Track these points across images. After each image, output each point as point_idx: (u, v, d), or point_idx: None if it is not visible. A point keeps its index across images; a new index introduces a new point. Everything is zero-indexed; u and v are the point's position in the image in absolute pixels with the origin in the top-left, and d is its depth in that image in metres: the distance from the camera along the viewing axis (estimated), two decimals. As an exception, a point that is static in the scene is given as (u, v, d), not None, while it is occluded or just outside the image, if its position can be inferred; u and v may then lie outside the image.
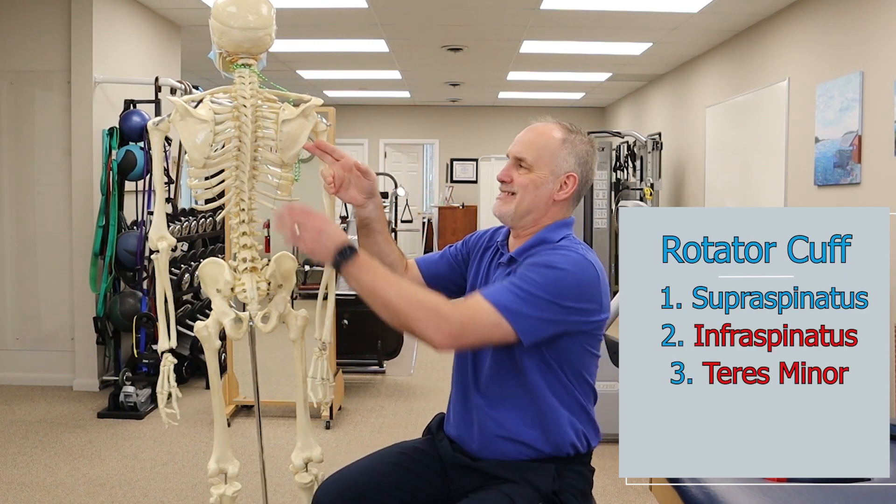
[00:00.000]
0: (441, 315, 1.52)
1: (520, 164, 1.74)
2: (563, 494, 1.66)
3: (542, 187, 1.73)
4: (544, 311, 1.56)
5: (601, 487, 3.43)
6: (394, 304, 1.53)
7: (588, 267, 1.65)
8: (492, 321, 1.55)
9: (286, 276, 1.93)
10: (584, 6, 5.71)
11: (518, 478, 1.65)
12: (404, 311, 1.53)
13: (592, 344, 1.71)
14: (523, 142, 1.76)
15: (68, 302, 5.03)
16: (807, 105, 5.02)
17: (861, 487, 1.87)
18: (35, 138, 5.04)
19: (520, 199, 1.73)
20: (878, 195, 4.22)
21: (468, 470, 1.71)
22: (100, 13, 4.95)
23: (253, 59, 1.81)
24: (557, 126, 1.78)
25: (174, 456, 3.79)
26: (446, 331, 1.52)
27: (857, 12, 4.48)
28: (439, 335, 1.52)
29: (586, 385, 1.72)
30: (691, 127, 7.65)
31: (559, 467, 1.67)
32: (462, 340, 1.55)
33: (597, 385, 1.74)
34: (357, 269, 1.56)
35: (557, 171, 1.74)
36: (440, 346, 1.52)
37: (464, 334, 1.54)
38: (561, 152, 1.74)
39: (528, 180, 1.72)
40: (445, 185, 12.23)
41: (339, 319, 4.94)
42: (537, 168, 1.73)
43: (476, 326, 1.55)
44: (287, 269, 1.92)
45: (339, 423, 4.36)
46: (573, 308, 1.60)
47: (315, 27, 6.46)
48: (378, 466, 1.78)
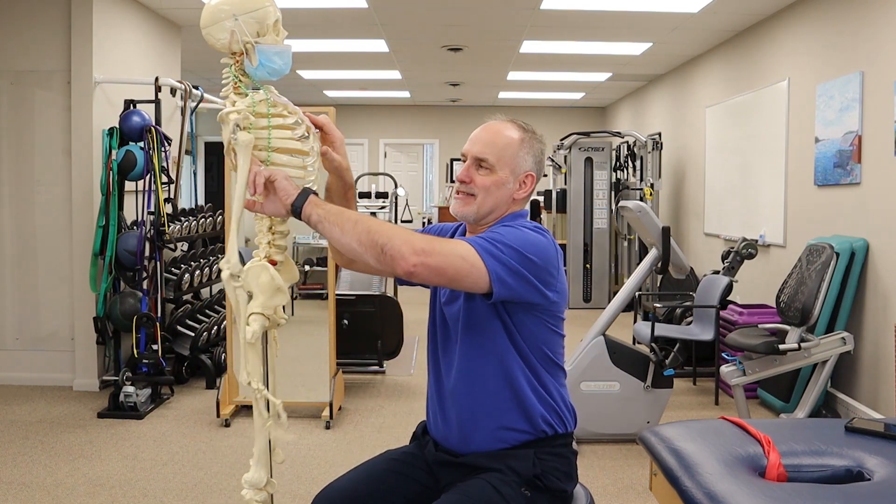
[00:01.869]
0: (412, 234, 1.56)
1: (480, 165, 1.75)
2: (545, 477, 1.69)
3: (503, 188, 1.74)
4: (512, 259, 1.59)
5: (601, 487, 3.43)
6: (365, 226, 1.55)
7: (543, 235, 1.69)
8: (464, 251, 1.57)
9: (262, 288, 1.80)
10: (584, 6, 5.71)
11: (500, 465, 1.68)
12: (375, 229, 1.54)
13: (555, 323, 1.74)
14: (483, 142, 1.76)
15: (68, 302, 5.03)
16: (807, 105, 5.02)
17: (861, 487, 1.87)
18: (35, 138, 5.04)
19: (482, 201, 1.74)
20: (878, 195, 4.22)
21: (452, 466, 1.75)
22: (100, 13, 4.95)
23: (229, 58, 1.69)
24: (513, 125, 1.79)
25: (174, 456, 3.79)
26: (418, 246, 1.52)
27: (857, 12, 4.48)
28: (407, 248, 1.51)
29: (555, 366, 1.76)
30: (691, 127, 7.65)
31: (538, 451, 1.70)
32: (429, 259, 1.52)
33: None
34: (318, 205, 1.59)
35: (517, 171, 1.76)
36: (408, 259, 1.51)
37: (432, 254, 1.53)
38: (520, 152, 1.76)
39: (490, 182, 1.73)
40: (445, 185, 12.23)
41: (339, 319, 4.95)
42: (499, 169, 1.74)
43: (445, 250, 1.55)
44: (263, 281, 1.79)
45: (339, 423, 4.36)
46: (535, 263, 1.62)
47: (315, 27, 6.46)
48: (370, 474, 1.80)
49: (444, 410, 1.78)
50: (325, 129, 1.74)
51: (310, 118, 1.72)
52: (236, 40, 1.61)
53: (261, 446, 1.71)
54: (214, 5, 1.61)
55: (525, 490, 1.67)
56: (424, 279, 1.56)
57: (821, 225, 4.82)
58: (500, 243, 1.60)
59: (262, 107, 1.65)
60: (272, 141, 1.67)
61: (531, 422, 1.71)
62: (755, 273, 5.68)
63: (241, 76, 1.65)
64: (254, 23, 1.61)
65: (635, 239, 8.20)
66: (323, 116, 1.75)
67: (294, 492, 3.34)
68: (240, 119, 1.63)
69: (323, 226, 1.58)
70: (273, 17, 1.63)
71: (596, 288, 8.63)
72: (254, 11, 1.60)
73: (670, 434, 2.20)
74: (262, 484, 1.70)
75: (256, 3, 1.61)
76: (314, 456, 3.81)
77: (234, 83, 1.65)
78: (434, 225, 2.02)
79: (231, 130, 1.63)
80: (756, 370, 3.97)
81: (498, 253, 1.58)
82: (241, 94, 1.66)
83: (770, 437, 2.08)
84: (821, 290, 4.10)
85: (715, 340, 4.81)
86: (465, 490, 1.65)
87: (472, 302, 1.70)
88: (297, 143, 1.69)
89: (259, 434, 1.70)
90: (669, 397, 3.97)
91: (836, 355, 3.99)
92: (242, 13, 1.60)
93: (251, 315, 1.65)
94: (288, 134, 1.68)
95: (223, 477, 3.51)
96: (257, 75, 1.63)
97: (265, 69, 1.63)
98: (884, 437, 2.12)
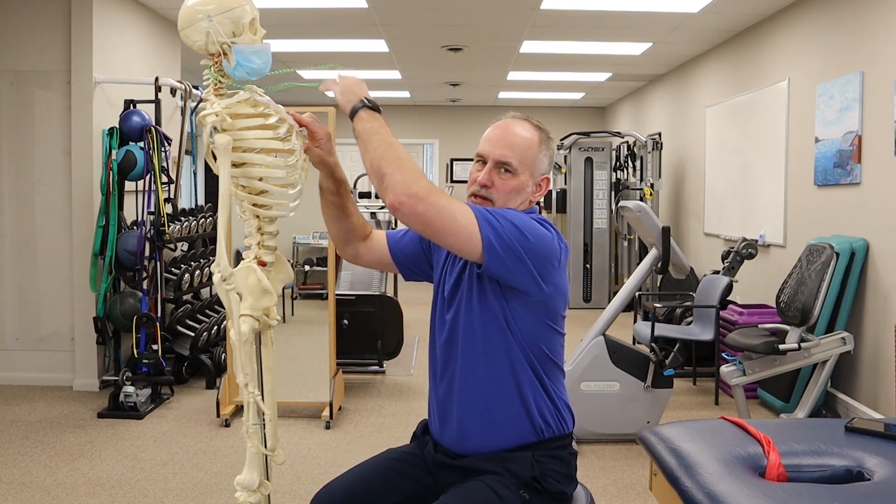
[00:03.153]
0: (421, 178, 1.51)
1: (504, 169, 1.71)
2: (544, 480, 1.68)
3: (522, 192, 1.72)
4: (510, 234, 1.56)
5: (601, 487, 3.43)
6: (382, 152, 1.53)
7: (548, 229, 1.66)
8: (460, 213, 1.53)
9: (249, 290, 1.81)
10: (584, 6, 5.71)
11: (498, 468, 1.67)
12: (389, 157, 1.52)
13: (554, 321, 1.70)
14: (504, 143, 1.72)
15: (68, 302, 5.03)
16: (807, 105, 5.02)
17: (861, 487, 1.87)
18: (35, 138, 5.04)
19: (502, 206, 1.70)
20: (878, 195, 4.22)
21: (451, 468, 1.74)
22: (100, 13, 4.95)
23: (208, 59, 1.68)
24: (530, 125, 1.76)
25: (174, 456, 3.79)
26: (413, 189, 1.48)
27: (857, 12, 4.48)
28: (403, 186, 1.49)
29: (554, 366, 1.73)
30: (691, 127, 7.65)
31: (537, 453, 1.69)
32: (418, 205, 1.48)
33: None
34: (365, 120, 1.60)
35: (536, 174, 1.73)
36: (398, 195, 1.48)
37: (424, 201, 1.49)
38: (539, 155, 1.73)
39: (511, 186, 1.70)
40: (445, 185, 12.23)
41: (339, 319, 4.95)
42: (521, 172, 1.71)
43: (440, 204, 1.51)
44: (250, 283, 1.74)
45: (339, 423, 4.36)
46: (532, 246, 1.59)
47: (315, 27, 6.46)
48: (369, 473, 1.80)
49: (443, 410, 1.78)
50: (311, 127, 1.73)
51: (294, 117, 1.72)
52: (212, 41, 1.60)
53: (253, 448, 1.71)
54: (190, 7, 1.60)
55: (523, 492, 1.66)
56: (409, 223, 1.53)
57: (821, 225, 4.82)
58: (502, 218, 1.58)
59: (242, 107, 1.64)
60: (253, 141, 1.65)
61: (531, 423, 1.70)
62: (755, 273, 5.68)
63: (221, 77, 1.64)
64: (229, 23, 1.59)
65: (635, 239, 8.20)
66: (308, 115, 1.74)
67: (294, 492, 3.34)
68: (217, 121, 1.61)
69: (358, 140, 1.59)
70: (249, 16, 1.62)
71: (596, 288, 8.63)
72: (228, 11, 1.59)
73: (670, 434, 2.20)
74: (255, 486, 1.70)
75: (231, 2, 1.60)
76: (314, 456, 3.81)
77: (213, 84, 1.64)
78: None
79: (209, 133, 1.62)
80: (756, 370, 3.97)
81: (497, 224, 1.56)
82: (220, 96, 1.65)
83: (770, 437, 2.08)
84: (821, 290, 4.10)
85: (715, 340, 4.81)
86: (463, 493, 1.65)
87: (473, 302, 1.70)
88: (278, 143, 1.67)
89: (252, 436, 1.70)
90: (669, 397, 3.97)
91: (836, 355, 3.99)
92: (217, 13, 1.58)
93: (241, 317, 1.66)
94: (270, 134, 1.66)
95: (223, 477, 3.51)
96: (236, 75, 1.62)
97: (244, 69, 1.61)
98: (884, 437, 2.12)
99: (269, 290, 1.68)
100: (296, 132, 1.70)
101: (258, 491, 1.70)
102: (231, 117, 1.63)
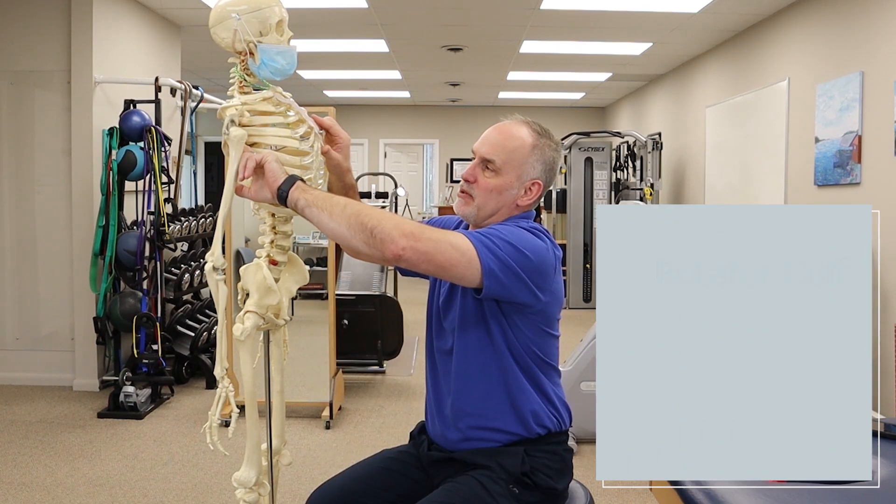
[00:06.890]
0: (402, 219, 1.54)
1: (487, 166, 1.71)
2: (535, 475, 1.68)
3: (505, 193, 1.71)
4: (507, 255, 1.56)
5: (601, 487, 3.42)
6: (354, 210, 1.53)
7: (542, 238, 1.66)
8: (456, 241, 1.54)
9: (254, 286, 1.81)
10: (584, 6, 5.71)
11: (490, 462, 1.68)
12: (364, 212, 1.52)
13: (549, 324, 1.72)
14: (493, 142, 1.72)
15: (68, 302, 5.03)
16: (807, 105, 5.02)
17: (861, 488, 1.87)
18: (35, 138, 5.04)
19: (481, 203, 1.71)
20: (878, 195, 4.22)
21: (444, 463, 1.76)
22: (100, 13, 4.95)
23: (235, 57, 1.70)
24: (529, 128, 1.74)
25: (174, 456, 3.79)
26: (407, 230, 1.50)
27: (857, 12, 4.48)
28: (397, 231, 1.49)
29: (549, 366, 1.75)
30: (691, 127, 7.65)
31: (529, 448, 1.70)
32: (418, 243, 1.49)
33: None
34: (306, 191, 1.57)
35: (523, 177, 1.72)
36: (397, 242, 1.48)
37: (422, 238, 1.50)
38: (529, 158, 1.71)
39: (492, 185, 1.70)
40: (445, 185, 12.24)
41: (339, 319, 4.94)
42: (504, 172, 1.70)
43: (436, 237, 1.53)
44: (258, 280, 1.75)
45: (339, 423, 4.36)
46: (530, 261, 1.59)
47: (315, 27, 6.46)
48: (364, 472, 1.81)
49: (439, 409, 1.79)
50: (332, 130, 1.76)
51: (315, 119, 1.74)
52: (238, 39, 1.63)
53: (251, 445, 1.72)
54: (222, 5, 1.64)
55: (513, 487, 1.66)
56: (414, 264, 1.53)
57: (821, 225, 4.81)
58: (497, 238, 1.58)
59: (264, 105, 1.67)
60: (271, 138, 1.68)
61: (523, 422, 1.71)
62: (755, 273, 5.67)
63: (247, 75, 1.67)
64: (256, 22, 1.62)
65: (635, 239, 8.19)
66: (329, 118, 1.77)
67: (294, 492, 3.34)
68: (235, 115, 1.65)
69: (311, 211, 1.56)
70: (277, 17, 1.64)
71: (596, 288, 8.62)
72: (257, 11, 1.62)
73: (670, 434, 2.19)
74: (252, 482, 1.71)
75: (261, 2, 1.62)
76: (314, 456, 3.81)
77: (239, 81, 1.67)
78: (436, 217, 2.01)
79: (226, 126, 1.65)
80: (756, 370, 3.97)
81: (494, 248, 1.56)
82: (244, 93, 1.68)
83: (770, 437, 2.07)
84: (821, 290, 4.09)
85: (715, 340, 4.80)
86: (453, 487, 1.66)
87: (468, 302, 1.70)
88: (295, 142, 1.70)
89: (250, 433, 1.71)
90: (669, 397, 3.96)
91: (836, 355, 3.98)
92: (246, 12, 1.61)
93: (246, 313, 1.68)
94: (288, 133, 1.69)
95: (223, 477, 3.51)
96: (261, 74, 1.65)
97: (268, 68, 1.64)
98: (884, 437, 2.12)
99: (272, 289, 1.70)
100: (314, 134, 1.72)
101: (255, 489, 1.71)
102: (251, 113, 1.66)
